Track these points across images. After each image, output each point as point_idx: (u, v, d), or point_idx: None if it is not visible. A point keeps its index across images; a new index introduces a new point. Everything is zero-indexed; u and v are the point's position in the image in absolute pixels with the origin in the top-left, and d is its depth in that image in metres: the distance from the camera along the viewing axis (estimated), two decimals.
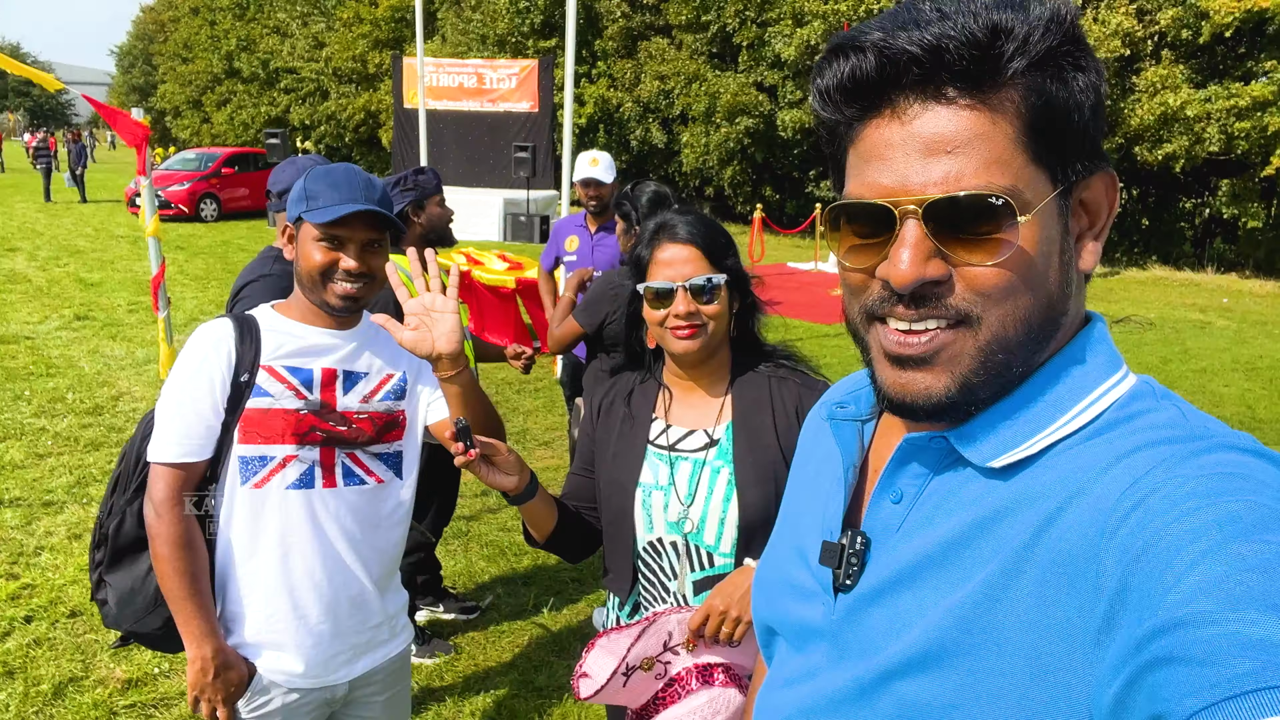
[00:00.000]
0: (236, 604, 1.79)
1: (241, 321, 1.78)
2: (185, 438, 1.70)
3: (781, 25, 20.76)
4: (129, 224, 17.82)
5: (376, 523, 1.88)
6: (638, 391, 1.84)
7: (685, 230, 1.69)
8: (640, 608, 1.78)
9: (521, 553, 4.53)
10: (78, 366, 7.45)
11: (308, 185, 1.76)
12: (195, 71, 42.36)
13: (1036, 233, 0.68)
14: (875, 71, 0.68)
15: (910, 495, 0.77)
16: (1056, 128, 0.67)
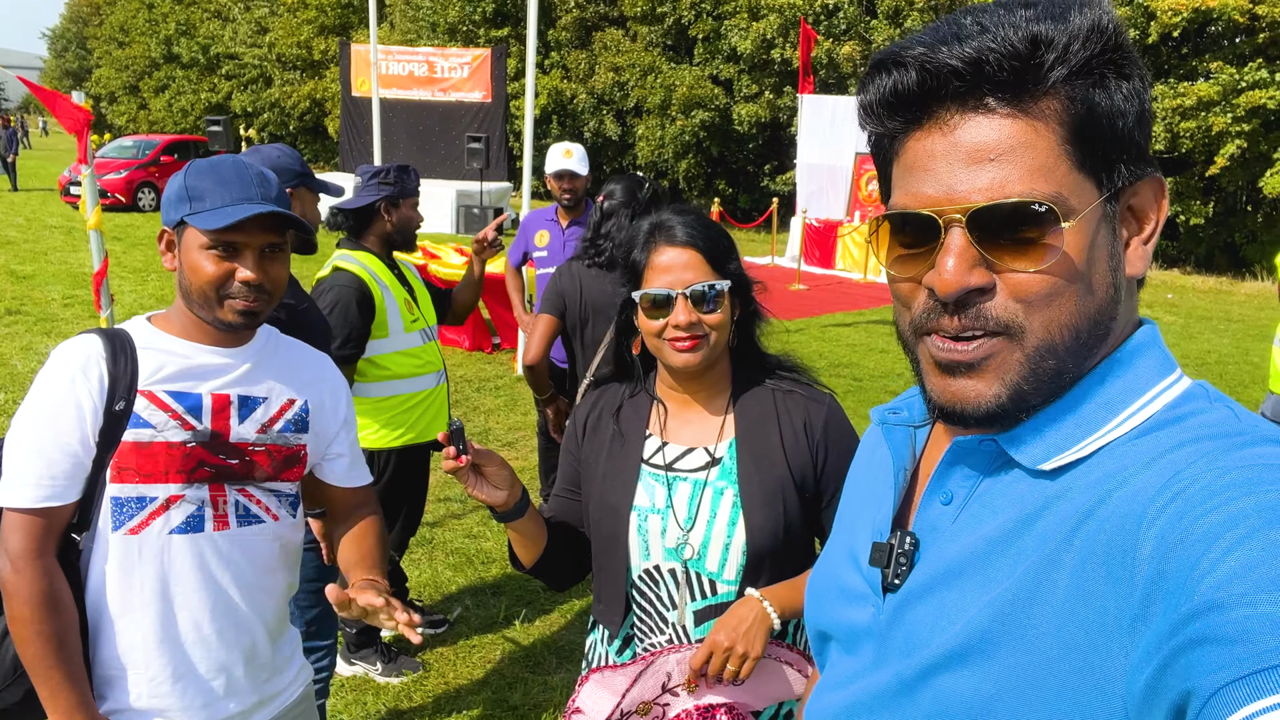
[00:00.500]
0: (111, 666, 1.54)
1: (112, 338, 1.51)
2: (48, 478, 1.44)
3: (738, 19, 20.74)
4: (62, 214, 17.10)
5: (272, 566, 1.66)
6: (627, 406, 1.67)
7: (684, 232, 1.53)
8: (633, 640, 1.63)
9: (489, 561, 4.35)
10: (9, 364, 7.06)
11: (189, 182, 1.51)
12: (132, 56, 40.98)
13: (1081, 239, 0.68)
14: (917, 85, 0.69)
15: (960, 497, 0.78)
16: (1100, 135, 0.68)
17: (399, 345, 3.18)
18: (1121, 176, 0.70)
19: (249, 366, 1.61)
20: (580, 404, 1.75)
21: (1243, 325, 11.74)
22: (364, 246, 3.17)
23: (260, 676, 1.68)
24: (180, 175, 1.54)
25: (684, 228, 1.55)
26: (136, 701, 1.55)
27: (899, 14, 19.08)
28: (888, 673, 0.77)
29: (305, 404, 1.68)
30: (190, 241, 1.51)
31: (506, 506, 1.49)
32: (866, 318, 11.06)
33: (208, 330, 1.57)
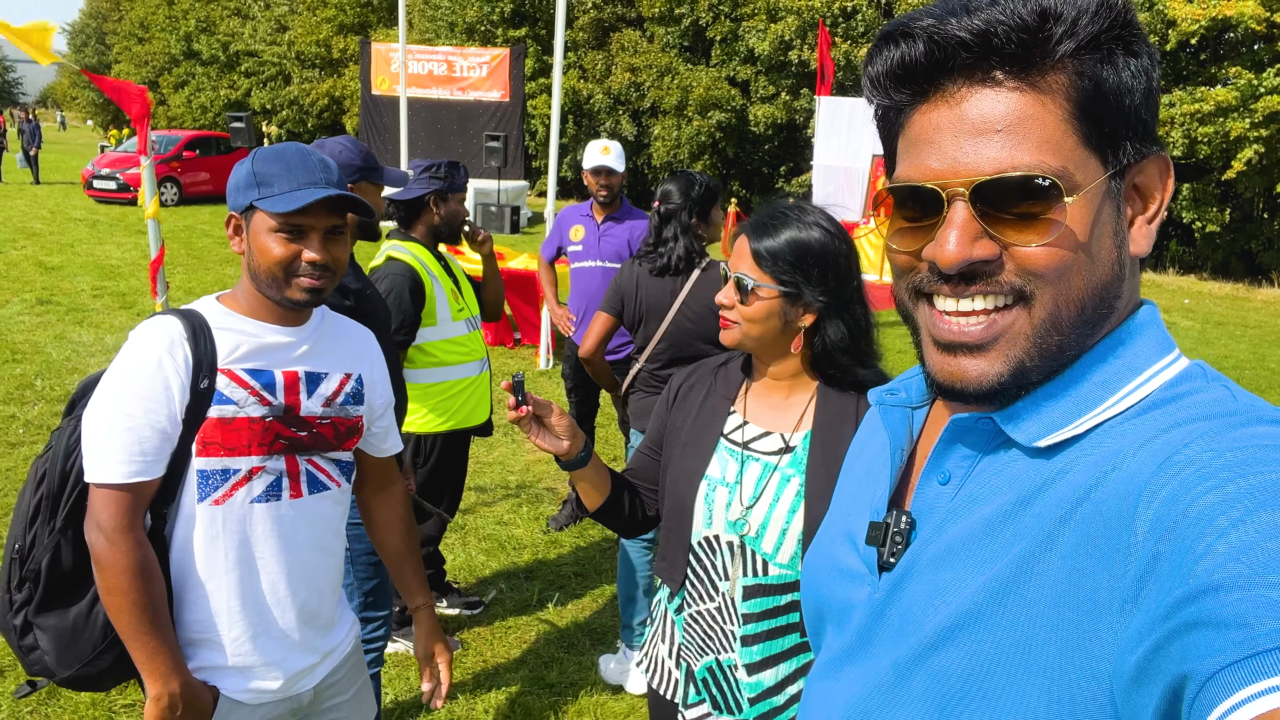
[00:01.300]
0: (197, 629, 1.63)
1: (189, 318, 1.59)
2: (139, 454, 1.51)
3: (755, 20, 20.80)
4: (85, 206, 17.31)
5: (336, 529, 1.79)
6: (720, 382, 1.77)
7: (754, 227, 1.62)
8: (686, 603, 1.73)
9: (521, 547, 4.46)
10: (44, 352, 7.20)
11: (257, 169, 1.59)
12: (152, 52, 41.31)
13: (1085, 214, 0.68)
14: (924, 57, 0.69)
15: (958, 476, 0.77)
16: (1107, 111, 0.68)
17: (446, 333, 3.29)
18: (1127, 154, 0.70)
19: (310, 344, 1.71)
20: (677, 374, 1.86)
21: (1260, 331, 11.75)
22: (412, 237, 3.29)
23: (324, 632, 1.80)
24: (247, 162, 1.62)
25: (756, 224, 1.63)
26: (220, 660, 1.65)
27: None
28: (884, 660, 0.77)
29: (359, 377, 1.80)
30: (259, 225, 1.59)
31: (569, 456, 1.60)
32: (884, 319, 11.07)
33: (273, 309, 1.66)
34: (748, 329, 1.61)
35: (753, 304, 1.59)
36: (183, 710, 1.57)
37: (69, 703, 3.02)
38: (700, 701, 1.73)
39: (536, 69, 24.56)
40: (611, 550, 4.49)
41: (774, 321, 1.60)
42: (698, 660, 1.72)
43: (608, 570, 4.27)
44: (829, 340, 1.62)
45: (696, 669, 1.72)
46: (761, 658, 1.63)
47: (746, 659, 1.64)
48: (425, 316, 3.19)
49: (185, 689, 1.56)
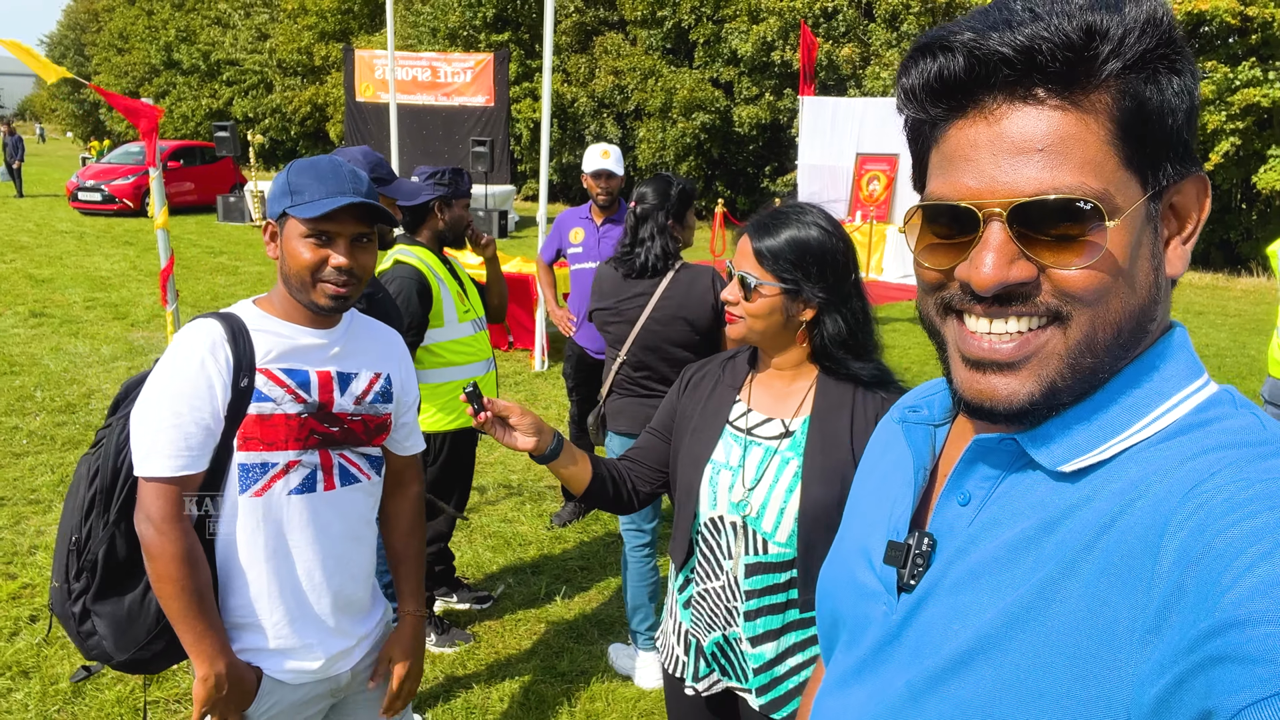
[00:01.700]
0: (240, 614, 1.73)
1: (229, 322, 1.68)
2: (185, 449, 1.61)
3: (737, 22, 20.95)
4: (71, 219, 17.27)
5: (367, 519, 1.89)
6: (729, 366, 1.89)
7: (755, 227, 1.72)
8: (691, 582, 1.85)
9: (526, 543, 4.55)
10: (42, 364, 7.23)
11: (291, 179, 1.68)
12: (132, 63, 41.15)
13: (1125, 237, 0.67)
14: (964, 72, 0.67)
15: (979, 498, 0.76)
16: (1149, 131, 0.66)
17: (453, 334, 3.38)
18: (1167, 175, 0.68)
19: (341, 345, 1.80)
20: (689, 365, 1.98)
21: (1240, 320, 11.97)
22: (418, 242, 3.39)
23: (358, 617, 1.90)
24: (284, 173, 1.71)
25: (756, 224, 1.73)
26: (264, 643, 1.74)
27: (896, 17, 19.32)
28: (898, 678, 0.77)
29: (388, 377, 1.89)
30: (290, 231, 1.68)
31: (540, 451, 1.69)
32: None
33: (305, 314, 1.75)
34: (752, 324, 1.71)
35: (756, 300, 1.69)
36: (228, 689, 1.66)
37: (94, 700, 3.09)
38: (710, 673, 1.84)
39: (520, 73, 24.62)
40: (615, 544, 4.58)
41: (776, 316, 1.70)
42: (706, 636, 1.82)
43: (612, 564, 4.37)
44: (827, 334, 1.71)
45: (705, 644, 1.82)
46: (763, 631, 1.73)
47: (750, 632, 1.74)
48: (433, 318, 3.28)
49: (230, 669, 1.66)
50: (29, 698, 3.08)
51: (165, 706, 3.10)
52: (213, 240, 15.45)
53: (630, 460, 1.93)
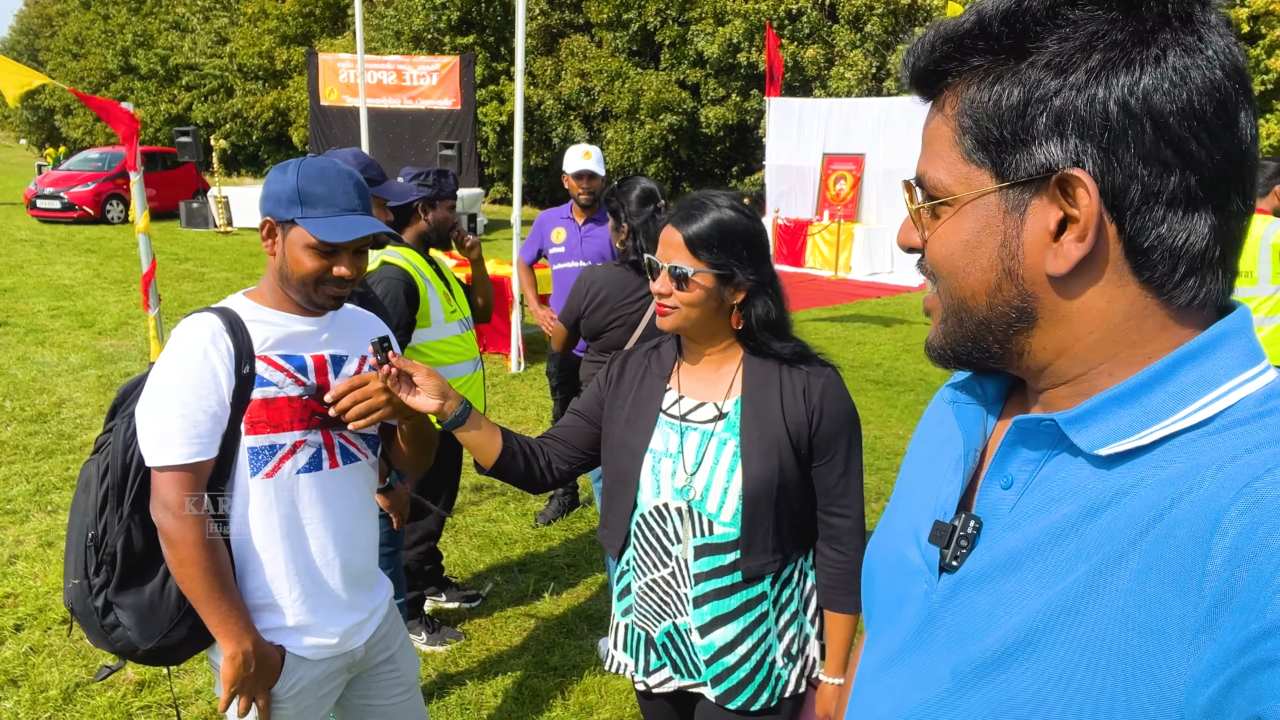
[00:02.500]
0: (258, 595, 1.79)
1: (224, 314, 1.75)
2: (195, 437, 1.66)
3: (703, 24, 21.08)
4: (30, 227, 16.95)
5: (368, 496, 1.97)
6: (655, 362, 1.91)
7: (680, 218, 1.74)
8: (633, 573, 1.86)
9: (511, 542, 4.58)
10: (9, 374, 7.11)
11: (302, 186, 1.73)
12: (88, 68, 40.38)
13: (969, 220, 0.75)
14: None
15: (1021, 481, 0.77)
16: (982, 128, 0.72)
17: (440, 334, 3.41)
18: (1020, 170, 0.71)
19: (331, 331, 1.88)
20: (617, 354, 1.99)
21: None
22: (403, 242, 3.40)
23: (367, 591, 1.98)
24: (291, 176, 1.75)
25: (682, 215, 1.75)
26: (284, 621, 1.81)
27: (860, 19, 19.56)
28: (942, 668, 0.77)
29: None
30: (296, 238, 1.75)
31: (444, 415, 1.72)
32: (840, 313, 11.41)
33: (297, 305, 1.83)
34: (687, 313, 1.73)
35: (691, 290, 1.71)
36: (256, 666, 1.72)
37: (85, 707, 3.08)
38: (662, 666, 1.86)
39: (485, 76, 24.56)
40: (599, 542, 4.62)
41: (710, 303, 1.73)
42: (655, 626, 1.84)
43: (598, 560, 4.41)
44: (756, 315, 1.75)
45: (655, 635, 1.84)
46: (711, 617, 1.76)
47: (698, 620, 1.76)
48: (420, 319, 3.30)
49: (257, 647, 1.72)
50: (19, 706, 3.06)
51: (159, 711, 3.09)
52: (177, 247, 15.23)
53: (551, 438, 1.93)
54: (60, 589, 3.83)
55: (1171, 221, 0.67)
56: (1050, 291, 0.72)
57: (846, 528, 1.79)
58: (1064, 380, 0.75)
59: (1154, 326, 0.70)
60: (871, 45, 19.37)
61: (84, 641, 3.46)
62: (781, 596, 1.81)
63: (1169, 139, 0.65)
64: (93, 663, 3.33)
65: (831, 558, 1.80)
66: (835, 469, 1.77)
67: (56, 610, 3.68)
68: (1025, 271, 0.72)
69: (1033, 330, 0.74)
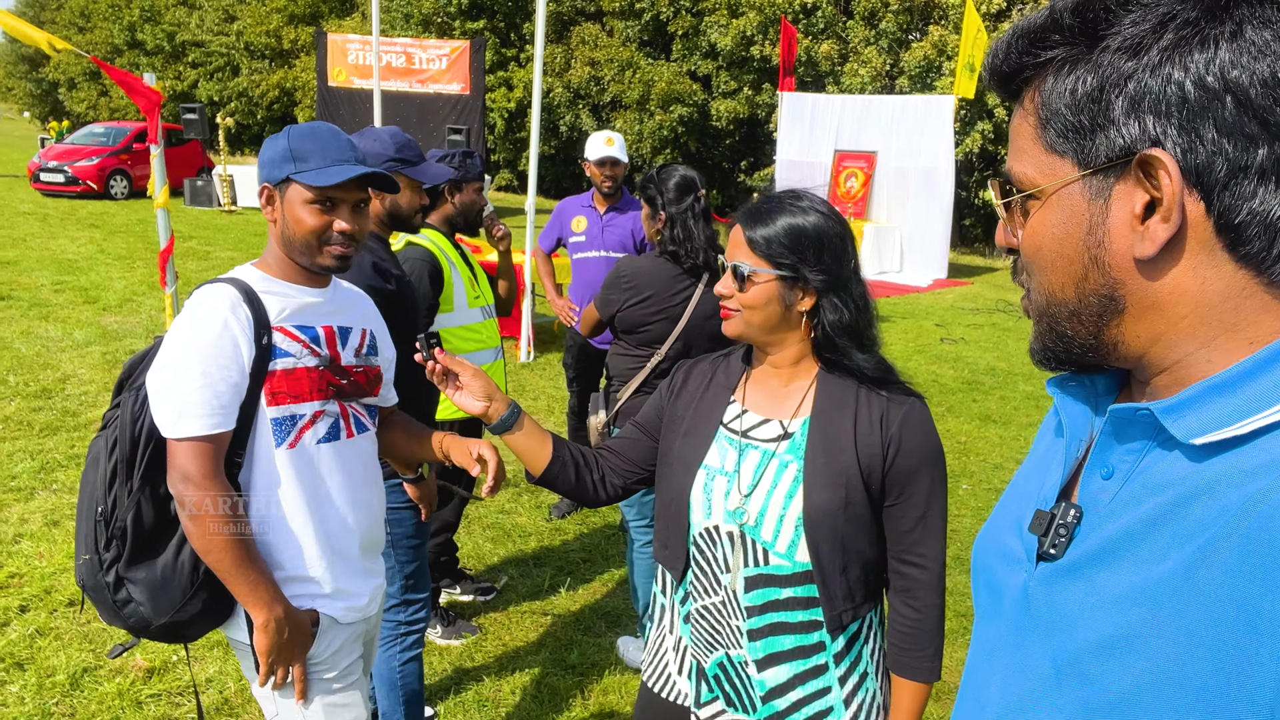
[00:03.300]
0: (288, 567, 1.77)
1: (238, 284, 1.72)
2: (217, 407, 1.63)
3: (717, 15, 20.92)
4: (33, 200, 16.80)
5: (376, 464, 1.98)
6: (722, 365, 1.78)
7: (746, 215, 1.63)
8: (690, 597, 1.71)
9: (526, 535, 4.50)
10: (13, 348, 7.01)
11: (294, 145, 1.72)
12: (93, 42, 40.06)
13: (1052, 212, 0.75)
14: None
15: (1123, 471, 0.76)
16: (1060, 118, 0.74)
17: (462, 320, 3.32)
18: (1098, 155, 0.71)
19: (336, 303, 1.87)
20: (680, 364, 1.86)
21: None
22: (429, 225, 3.32)
23: (378, 557, 2.02)
24: (282, 139, 1.75)
25: (748, 212, 1.64)
26: (315, 589, 1.79)
27: (875, 15, 19.42)
28: (1042, 656, 0.77)
29: (372, 332, 1.97)
30: (294, 197, 1.73)
31: (491, 419, 1.65)
32: None
33: (304, 273, 1.81)
34: (749, 316, 1.61)
35: (750, 290, 1.59)
36: (290, 632, 1.70)
37: (94, 693, 2.99)
38: (714, 699, 1.72)
39: (494, 62, 24.39)
40: (616, 536, 4.54)
41: (774, 306, 1.59)
42: (708, 656, 1.70)
43: (614, 555, 4.33)
44: (828, 321, 1.59)
45: (707, 665, 1.70)
46: (765, 654, 1.61)
47: (754, 654, 1.62)
48: (442, 302, 3.22)
49: (289, 613, 1.70)
50: (25, 690, 2.97)
51: (169, 699, 3.00)
52: (180, 224, 15.08)
53: (609, 450, 1.81)
54: (66, 570, 3.74)
55: (1264, 195, 0.66)
56: (1138, 276, 0.72)
57: (923, 580, 1.59)
58: (1162, 368, 0.74)
59: (1255, 309, 0.69)
60: (886, 42, 19.22)
61: (92, 625, 3.37)
62: (849, 654, 1.63)
63: (1253, 112, 0.64)
64: (100, 646, 3.25)
65: (904, 614, 1.60)
66: (912, 510, 1.58)
67: (63, 591, 3.59)
68: (1112, 258, 0.72)
69: (1123, 319, 0.74)
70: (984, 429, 6.79)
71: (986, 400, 7.59)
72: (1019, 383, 8.23)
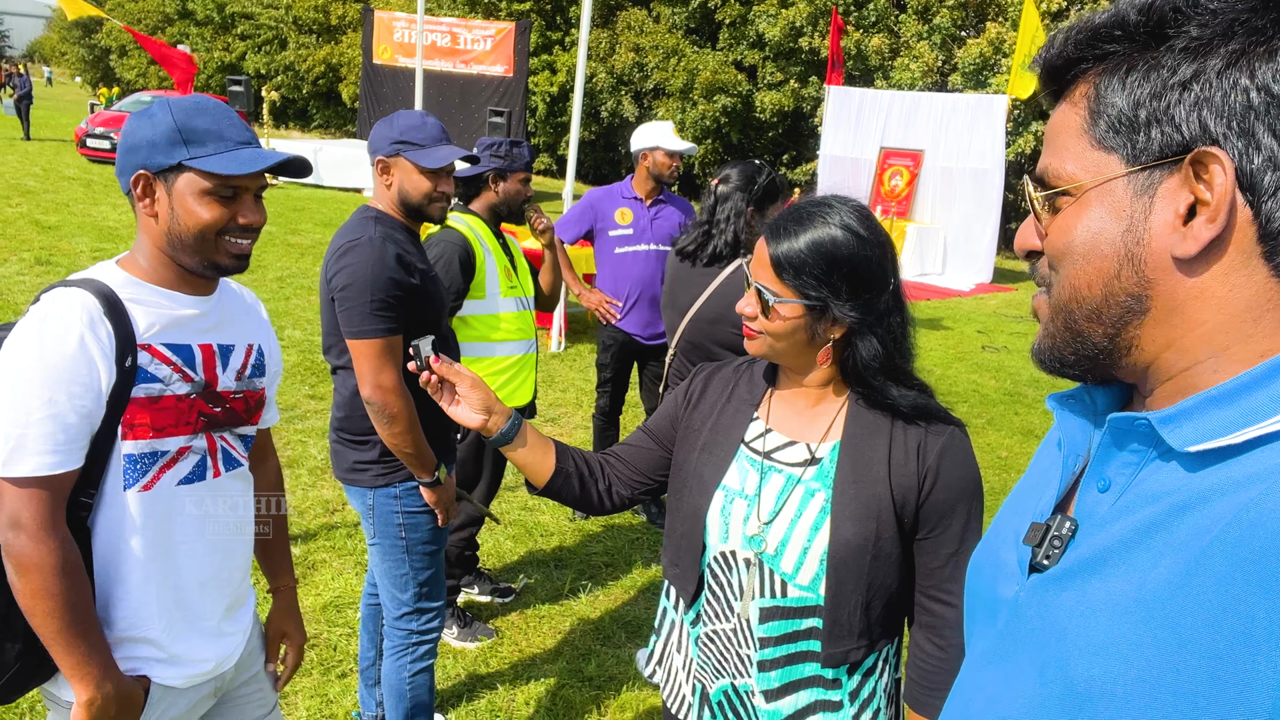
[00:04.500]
0: (125, 625, 1.52)
1: (99, 290, 1.43)
2: (64, 443, 1.37)
3: (766, 4, 20.60)
4: (78, 165, 16.98)
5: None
6: (744, 379, 1.64)
7: (773, 230, 1.46)
8: (701, 620, 1.61)
9: (548, 534, 4.38)
10: None
11: (183, 123, 1.45)
12: (145, 10, 40.50)
13: (1091, 208, 0.74)
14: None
15: (1119, 484, 0.76)
16: (1111, 114, 0.74)
17: (493, 308, 3.20)
18: (1150, 153, 0.71)
19: (219, 315, 1.61)
20: (698, 369, 1.73)
21: None
22: (472, 212, 3.22)
23: (241, 609, 1.75)
24: (164, 115, 1.46)
25: (775, 229, 1.47)
26: (154, 652, 1.56)
27: (929, 10, 19.00)
28: (1029, 665, 0.76)
29: (260, 348, 1.71)
30: (186, 186, 1.46)
31: (490, 432, 1.50)
32: None
33: (184, 279, 1.54)
34: (773, 343, 1.48)
35: (774, 319, 1.44)
36: (116, 710, 1.46)
37: None
38: None
39: (539, 45, 24.26)
40: (640, 540, 4.41)
41: (800, 336, 1.45)
42: (713, 682, 1.60)
43: (638, 560, 4.20)
44: (860, 358, 1.45)
45: (712, 691, 1.61)
46: (780, 684, 1.51)
47: (764, 685, 1.52)
48: (473, 289, 3.11)
49: (119, 688, 1.46)
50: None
51: None
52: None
53: (615, 458, 1.69)
54: None
55: None
56: (1171, 276, 0.71)
57: (951, 618, 1.48)
58: (1168, 377, 0.74)
59: (1274, 322, 0.69)
60: (939, 38, 18.78)
61: None
62: (863, 690, 1.53)
63: None
64: None
65: (927, 651, 1.50)
66: (945, 546, 1.47)
67: None
68: (1149, 256, 0.72)
69: (1143, 321, 0.74)
70: (1026, 444, 6.56)
71: (1029, 414, 7.34)
72: None
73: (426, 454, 2.32)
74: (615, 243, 4.32)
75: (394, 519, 2.41)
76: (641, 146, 4.26)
